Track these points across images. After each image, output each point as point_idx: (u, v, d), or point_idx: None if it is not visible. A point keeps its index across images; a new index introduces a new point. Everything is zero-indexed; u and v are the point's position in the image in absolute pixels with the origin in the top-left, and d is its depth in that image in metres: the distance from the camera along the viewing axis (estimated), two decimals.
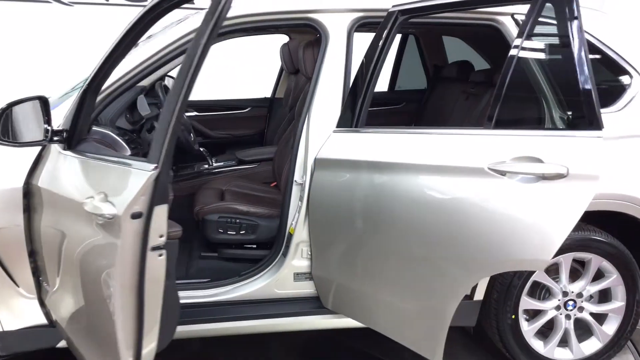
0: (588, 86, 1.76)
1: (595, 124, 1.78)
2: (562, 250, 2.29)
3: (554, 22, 1.83)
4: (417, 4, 2.08)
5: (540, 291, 2.45)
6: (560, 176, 1.79)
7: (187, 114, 3.82)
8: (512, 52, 1.87)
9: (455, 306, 1.94)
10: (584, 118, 1.81)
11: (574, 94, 1.81)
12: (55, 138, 1.82)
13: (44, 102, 1.77)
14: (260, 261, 2.34)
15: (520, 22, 2.33)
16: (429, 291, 2.00)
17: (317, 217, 2.18)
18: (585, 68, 1.76)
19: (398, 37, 3.92)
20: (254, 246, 2.54)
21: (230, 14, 2.19)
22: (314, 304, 2.32)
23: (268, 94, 3.99)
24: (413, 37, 3.87)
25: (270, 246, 2.38)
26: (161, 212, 1.42)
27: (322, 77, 2.26)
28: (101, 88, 1.96)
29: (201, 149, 3.20)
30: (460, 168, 1.88)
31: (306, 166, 2.20)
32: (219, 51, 2.84)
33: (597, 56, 2.40)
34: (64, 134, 1.84)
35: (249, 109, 3.89)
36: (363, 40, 2.35)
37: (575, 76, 1.78)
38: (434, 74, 3.81)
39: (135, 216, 1.37)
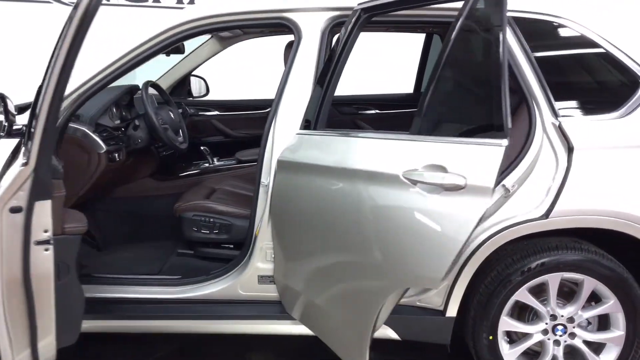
0: (497, 92, 1.57)
1: (500, 132, 1.59)
2: (548, 269, 2.12)
3: (479, 26, 1.69)
4: (379, 2, 1.98)
5: (529, 312, 2.25)
6: (458, 187, 1.63)
7: (208, 112, 3.91)
8: (440, 55, 1.73)
9: (373, 317, 1.82)
10: (492, 125, 1.63)
11: (484, 99, 1.65)
12: (15, 133, 1.91)
13: (2, 99, 1.87)
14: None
15: (512, 20, 2.16)
16: (352, 299, 1.91)
17: (275, 220, 2.14)
18: (497, 73, 1.57)
19: (421, 37, 3.77)
20: (231, 246, 2.54)
21: (204, 14, 2.25)
22: (277, 309, 2.28)
23: None
24: (438, 37, 3.70)
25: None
26: (44, 207, 1.45)
27: (291, 77, 2.22)
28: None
29: (202, 148, 3.25)
30: (381, 174, 1.78)
31: (270, 168, 2.17)
32: (246, 51, 2.85)
33: (601, 56, 2.17)
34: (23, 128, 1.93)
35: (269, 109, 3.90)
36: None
37: (486, 81, 1.61)
38: None
39: (15, 210, 1.41)
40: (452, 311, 2.21)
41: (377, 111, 3.68)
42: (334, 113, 3.85)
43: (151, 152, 2.97)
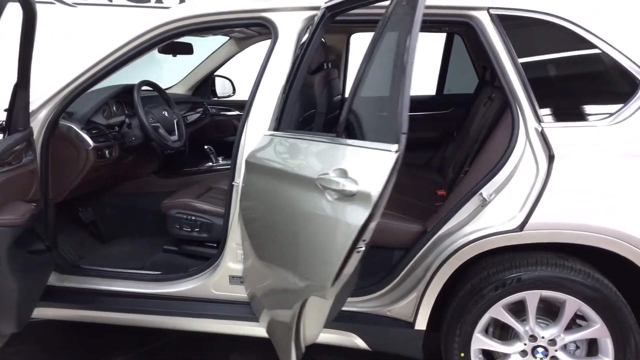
0: (395, 94, 1.46)
1: (394, 137, 1.48)
2: (525, 286, 1.97)
3: (395, 31, 1.63)
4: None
5: (511, 332, 2.10)
6: (351, 193, 1.54)
7: (229, 112, 3.97)
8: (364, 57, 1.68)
9: (293, 322, 1.75)
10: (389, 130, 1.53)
11: (386, 102, 1.55)
12: None
13: None
14: None
15: (497, 18, 2.03)
16: (279, 302, 1.89)
17: (242, 221, 2.13)
18: (399, 76, 1.48)
19: (442, 37, 3.62)
20: (215, 245, 2.55)
21: (182, 14, 2.27)
22: (247, 310, 2.26)
23: None
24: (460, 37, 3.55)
25: None
26: None
27: (265, 77, 2.19)
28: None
29: (205, 147, 3.29)
30: (303, 178, 1.72)
31: (240, 168, 2.16)
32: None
33: (595, 57, 1.98)
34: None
35: None
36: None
37: (387, 84, 1.51)
38: (480, 77, 3.45)
39: None
40: (421, 324, 2.10)
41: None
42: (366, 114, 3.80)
43: (154, 150, 3.05)
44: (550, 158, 1.92)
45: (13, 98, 2.02)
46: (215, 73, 3.93)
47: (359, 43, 2.55)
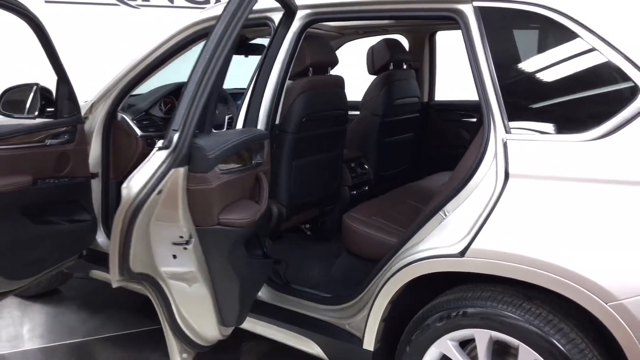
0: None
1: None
2: (473, 322, 1.72)
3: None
4: None
5: None
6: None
7: None
8: None
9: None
10: None
11: None
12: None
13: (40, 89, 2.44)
14: None
15: (480, 11, 1.76)
16: None
17: None
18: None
19: None
20: None
21: (200, 18, 2.44)
22: None
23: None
24: None
25: None
26: None
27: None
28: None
29: None
30: None
31: None
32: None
33: (591, 58, 1.59)
34: None
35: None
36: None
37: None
38: None
39: None
40: (368, 344, 1.93)
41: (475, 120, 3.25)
42: (436, 120, 3.55)
43: None
44: (506, 175, 1.61)
45: (57, 91, 2.44)
46: None
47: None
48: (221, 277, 1.73)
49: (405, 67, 3.21)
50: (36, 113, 2.48)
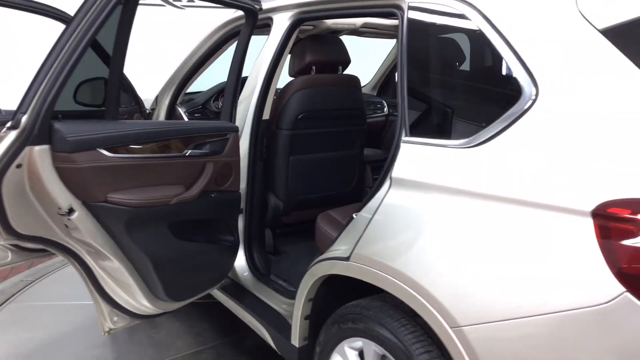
0: None
1: None
2: (358, 332, 1.65)
3: None
4: None
5: None
6: None
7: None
8: None
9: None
10: None
11: None
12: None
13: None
14: None
15: (411, 9, 1.65)
16: None
17: None
18: None
19: None
20: None
21: (231, 17, 2.64)
22: None
23: None
24: None
25: None
26: None
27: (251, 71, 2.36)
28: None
29: None
30: None
31: None
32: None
33: (493, 59, 1.40)
34: None
35: None
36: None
37: None
38: None
39: None
40: (294, 339, 1.94)
41: None
42: None
43: None
44: (390, 180, 1.51)
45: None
46: None
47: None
48: (131, 254, 1.84)
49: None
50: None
